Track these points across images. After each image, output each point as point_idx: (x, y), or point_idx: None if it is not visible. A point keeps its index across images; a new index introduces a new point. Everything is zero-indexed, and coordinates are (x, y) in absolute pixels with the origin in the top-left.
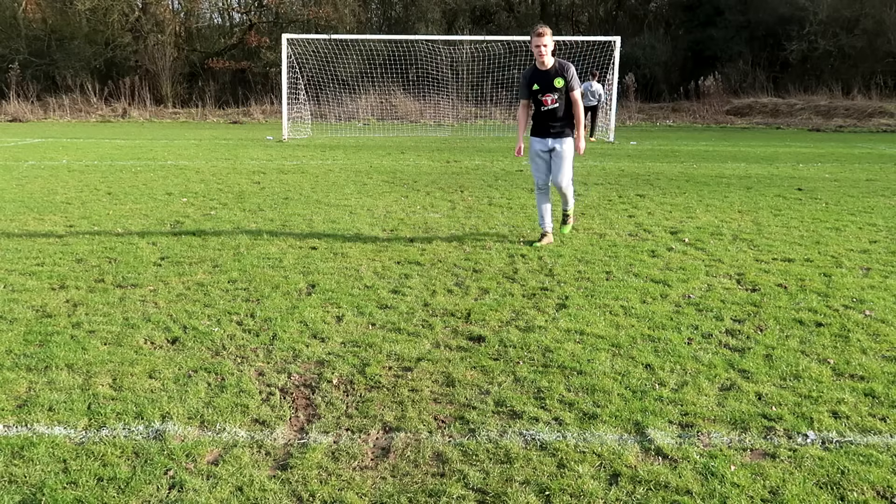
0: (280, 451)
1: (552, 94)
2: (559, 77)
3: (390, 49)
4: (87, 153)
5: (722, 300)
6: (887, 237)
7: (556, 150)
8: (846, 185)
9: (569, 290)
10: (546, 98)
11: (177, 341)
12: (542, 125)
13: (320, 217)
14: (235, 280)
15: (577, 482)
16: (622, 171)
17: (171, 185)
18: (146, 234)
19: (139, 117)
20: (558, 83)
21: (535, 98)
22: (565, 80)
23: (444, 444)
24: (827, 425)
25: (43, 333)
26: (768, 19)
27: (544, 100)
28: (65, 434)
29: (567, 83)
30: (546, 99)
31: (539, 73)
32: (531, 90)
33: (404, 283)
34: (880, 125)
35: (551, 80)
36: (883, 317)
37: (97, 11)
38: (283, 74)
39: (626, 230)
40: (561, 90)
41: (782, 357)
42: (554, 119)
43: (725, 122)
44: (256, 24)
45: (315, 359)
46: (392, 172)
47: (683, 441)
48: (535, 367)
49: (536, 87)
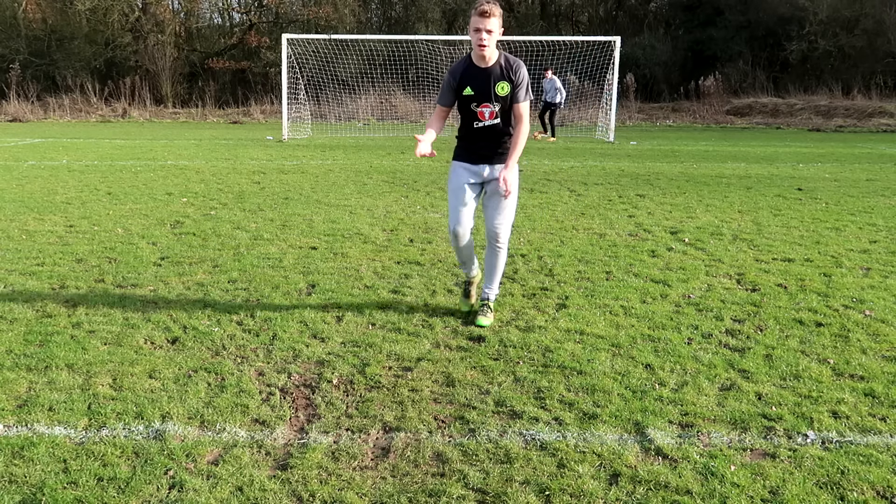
0: (280, 451)
1: (492, 105)
2: (503, 81)
3: (390, 49)
4: (87, 153)
5: (722, 300)
6: (887, 237)
7: (492, 184)
8: (846, 185)
9: (569, 290)
10: (483, 110)
11: (177, 341)
12: (472, 145)
13: (320, 217)
14: (235, 280)
15: (577, 482)
16: (622, 171)
17: (171, 185)
18: (146, 234)
19: (139, 117)
20: (502, 89)
21: (465, 107)
22: (513, 87)
23: (444, 444)
24: (827, 425)
25: (43, 333)
26: (768, 19)
27: (480, 112)
28: (65, 434)
29: (514, 91)
30: (483, 111)
31: (475, 72)
32: (459, 96)
33: (404, 283)
34: (880, 125)
35: (493, 83)
36: (883, 317)
37: (97, 11)
38: (283, 74)
39: (626, 230)
40: (505, 99)
41: (782, 357)
42: (492, 139)
43: (725, 122)
44: (256, 24)
45: (315, 359)
46: (392, 172)
47: (683, 441)
48: (535, 367)
49: (469, 91)
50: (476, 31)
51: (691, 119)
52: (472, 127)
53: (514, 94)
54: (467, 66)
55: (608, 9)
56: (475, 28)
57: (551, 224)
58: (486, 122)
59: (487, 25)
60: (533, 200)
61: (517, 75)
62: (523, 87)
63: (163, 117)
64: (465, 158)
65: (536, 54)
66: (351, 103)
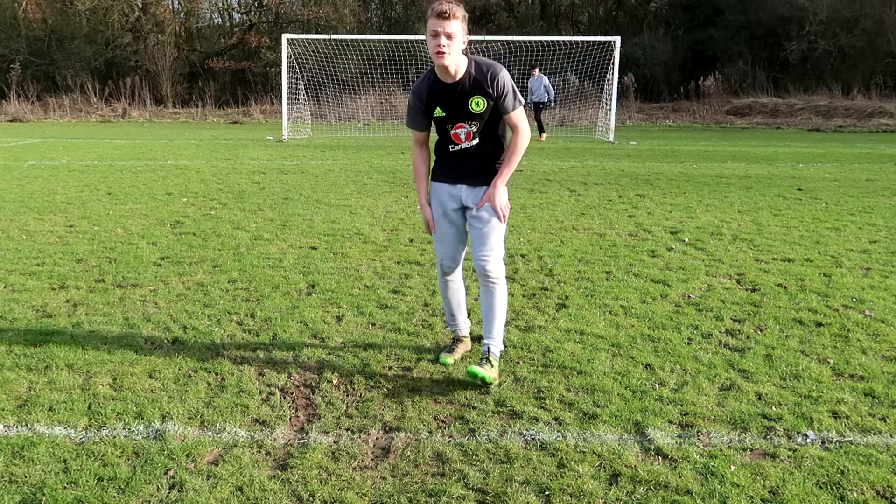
0: (280, 451)
1: (467, 125)
2: (478, 95)
3: (390, 49)
4: (87, 153)
5: (722, 300)
6: (887, 237)
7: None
8: (846, 185)
9: (569, 290)
10: (458, 132)
11: (177, 341)
12: (450, 165)
13: (320, 217)
14: (235, 280)
15: (577, 482)
16: (622, 171)
17: (171, 185)
18: (146, 234)
19: (139, 117)
20: (477, 105)
21: (439, 128)
22: (493, 100)
23: (444, 444)
24: (827, 425)
25: (43, 333)
26: (768, 19)
27: (454, 134)
28: (65, 434)
29: (498, 103)
30: (458, 133)
31: (442, 89)
32: (430, 118)
33: (404, 283)
34: (880, 125)
35: (465, 99)
36: (883, 317)
37: (97, 11)
38: (283, 74)
39: (626, 230)
40: (482, 116)
41: (782, 357)
42: (472, 160)
43: (725, 122)
44: (256, 24)
45: (315, 359)
46: (392, 172)
47: (683, 441)
48: (535, 367)
49: (441, 112)
50: (433, 37)
51: (691, 119)
52: (448, 150)
53: (499, 107)
54: (432, 83)
55: (608, 9)
56: (432, 32)
57: (551, 224)
58: (462, 144)
59: (447, 28)
60: (533, 200)
61: (495, 84)
62: (508, 95)
63: (163, 117)
64: (443, 178)
65: (536, 54)
66: (351, 103)
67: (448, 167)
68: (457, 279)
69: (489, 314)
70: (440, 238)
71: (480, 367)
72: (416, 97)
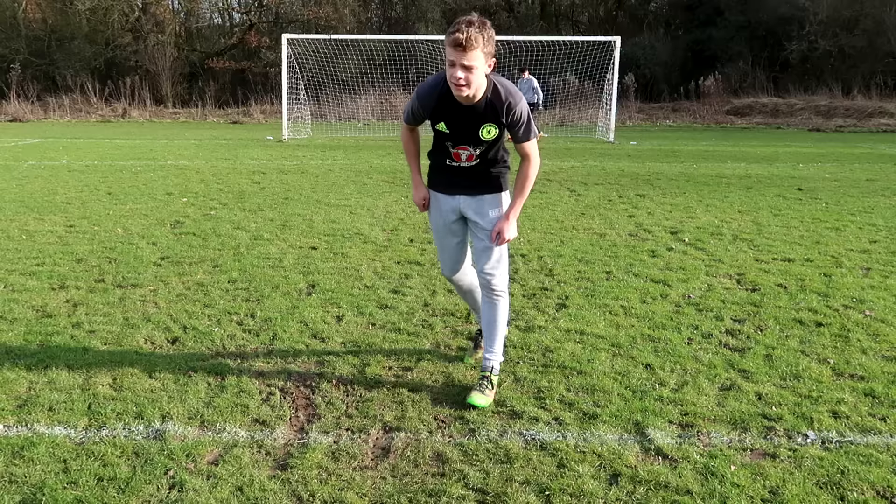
0: (280, 451)
1: (471, 149)
2: (490, 123)
3: (390, 49)
4: (87, 153)
5: (722, 300)
6: (887, 237)
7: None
8: (846, 185)
9: (569, 290)
10: (459, 152)
11: (177, 341)
12: (446, 174)
13: (320, 217)
14: (235, 280)
15: (577, 482)
16: (622, 171)
17: (171, 185)
18: (146, 234)
19: (139, 117)
20: (488, 133)
21: (437, 138)
22: (502, 127)
23: (444, 444)
24: (827, 425)
25: (43, 333)
26: (768, 19)
27: (455, 153)
28: (65, 434)
29: (511, 130)
30: (459, 153)
31: (453, 108)
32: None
33: (404, 283)
34: (880, 125)
35: (477, 123)
36: (883, 317)
37: (97, 11)
38: (283, 74)
39: (626, 230)
40: (491, 143)
41: (782, 357)
42: (469, 175)
43: (725, 122)
44: (256, 24)
45: (315, 359)
46: (392, 172)
47: (683, 441)
48: (535, 367)
49: (444, 127)
50: (451, 66)
51: (691, 119)
52: (445, 163)
53: (510, 132)
54: (442, 96)
55: (608, 9)
56: (450, 61)
57: (551, 224)
58: (461, 163)
59: (465, 61)
60: (533, 200)
61: (511, 115)
62: (523, 127)
63: (163, 117)
64: (440, 188)
65: (536, 54)
66: (351, 103)
67: (445, 176)
68: (464, 279)
69: (491, 327)
70: (442, 247)
71: (481, 394)
72: (420, 105)
